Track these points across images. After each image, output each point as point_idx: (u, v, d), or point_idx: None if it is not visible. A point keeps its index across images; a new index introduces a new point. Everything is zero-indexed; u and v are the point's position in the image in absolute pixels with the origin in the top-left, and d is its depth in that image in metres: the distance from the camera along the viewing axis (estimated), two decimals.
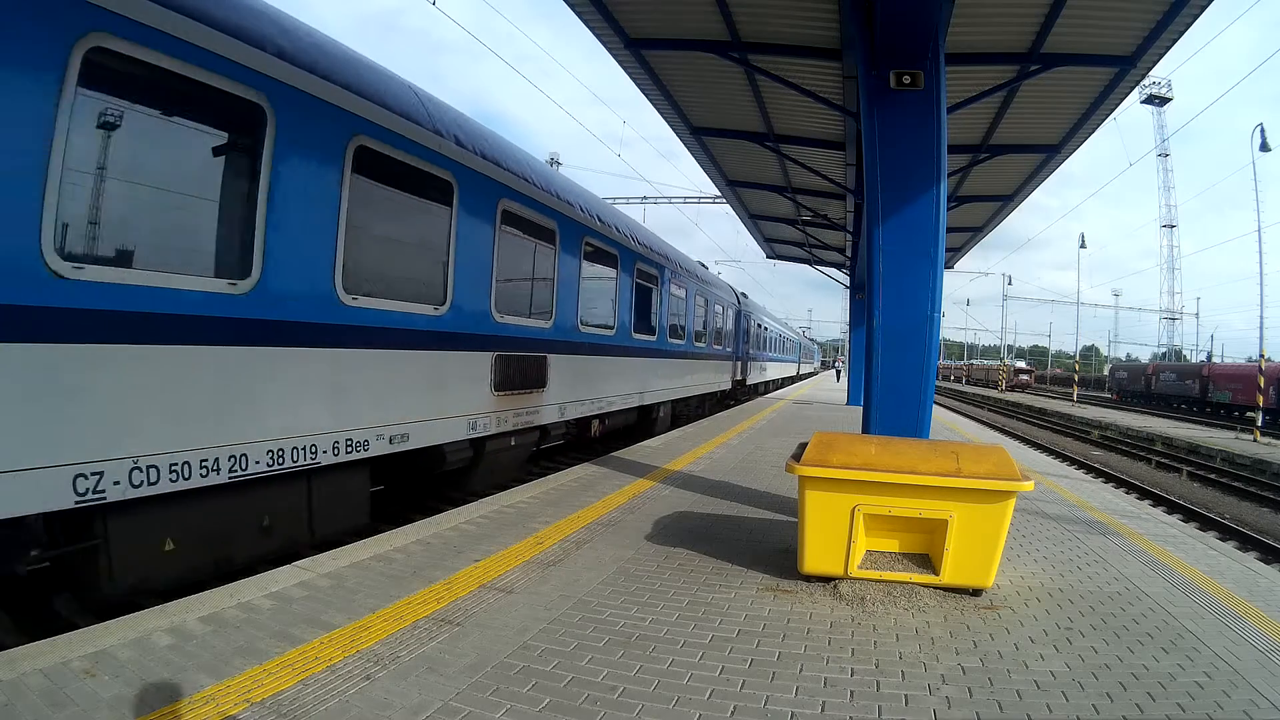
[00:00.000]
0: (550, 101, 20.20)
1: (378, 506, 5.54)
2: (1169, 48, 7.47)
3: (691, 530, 5.11)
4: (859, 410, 6.35)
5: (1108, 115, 9.56)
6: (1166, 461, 16.40)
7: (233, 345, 3.91)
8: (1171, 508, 10.87)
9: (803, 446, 3.98)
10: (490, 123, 6.46)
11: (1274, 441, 19.23)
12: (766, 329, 27.13)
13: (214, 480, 3.82)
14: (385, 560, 4.13)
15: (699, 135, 11.63)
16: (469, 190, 5.98)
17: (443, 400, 5.76)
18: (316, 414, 4.49)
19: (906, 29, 5.16)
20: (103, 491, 3.29)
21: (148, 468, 3.49)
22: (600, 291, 9.19)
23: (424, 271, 5.64)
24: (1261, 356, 20.84)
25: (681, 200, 33.09)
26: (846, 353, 37.74)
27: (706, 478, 7.20)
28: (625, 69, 9.21)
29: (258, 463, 4.08)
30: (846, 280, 23.56)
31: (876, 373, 5.53)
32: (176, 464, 3.63)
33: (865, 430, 5.64)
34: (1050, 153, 10.95)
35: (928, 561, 3.88)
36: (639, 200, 34.08)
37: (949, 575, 3.76)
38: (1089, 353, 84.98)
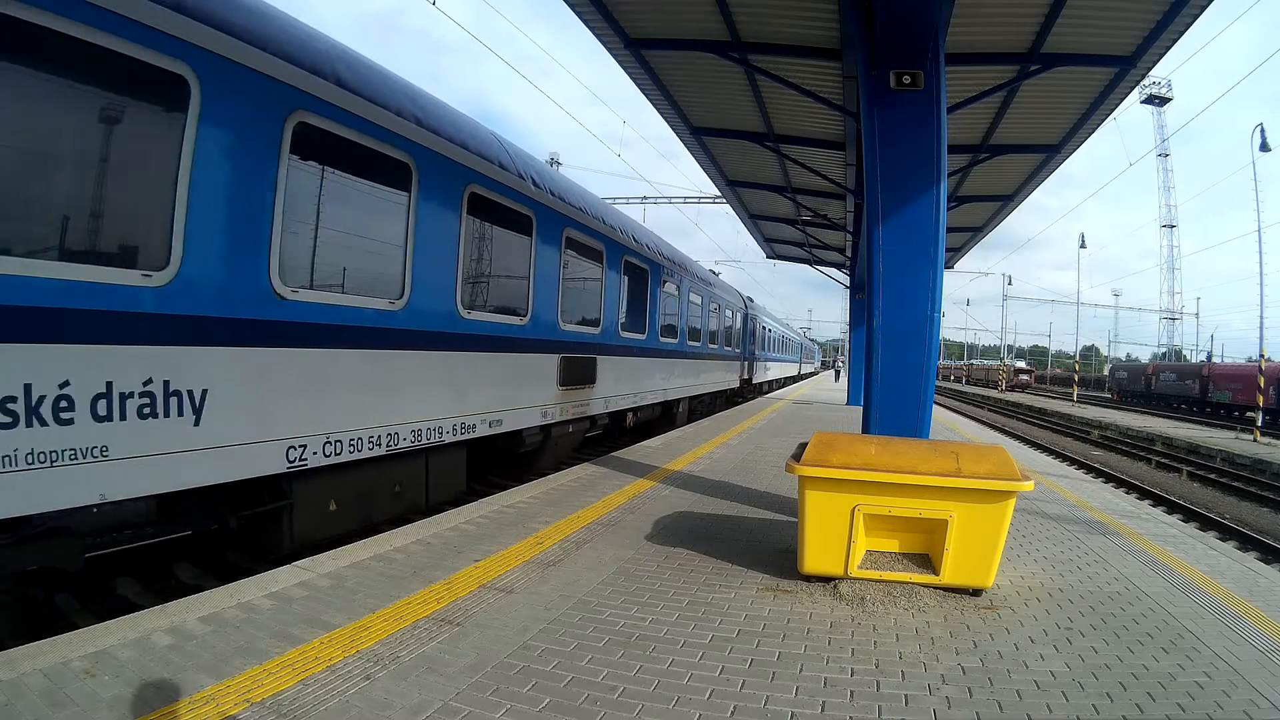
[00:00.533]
0: (550, 101, 20.22)
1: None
2: (1169, 48, 7.46)
3: (691, 530, 5.11)
4: (859, 410, 6.36)
5: (1108, 115, 9.56)
6: (1166, 461, 16.40)
7: (392, 349, 5.13)
8: (1171, 508, 10.87)
9: (803, 446, 3.98)
10: (490, 123, 6.61)
11: (1274, 441, 19.23)
12: (770, 331, 28.45)
13: (374, 453, 4.95)
14: (385, 560, 4.13)
15: (699, 135, 11.63)
16: (543, 223, 7.22)
17: (525, 393, 7.04)
18: (443, 403, 5.72)
19: (906, 29, 5.16)
20: (305, 460, 4.37)
21: (335, 441, 4.60)
22: (635, 301, 10.48)
23: (514, 290, 6.95)
24: (1261, 356, 20.85)
25: (681, 200, 33.11)
26: (846, 353, 37.77)
27: (706, 478, 7.20)
28: (625, 69, 9.21)
29: (404, 440, 5.26)
30: (846, 280, 23.57)
31: (876, 373, 5.53)
32: (354, 439, 4.76)
33: (865, 430, 5.63)
34: (1050, 153, 10.95)
35: (928, 561, 3.88)
36: (639, 200, 34.09)
37: (949, 575, 3.76)
38: (1089, 353, 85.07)
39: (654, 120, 13.70)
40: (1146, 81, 33.98)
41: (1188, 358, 54.15)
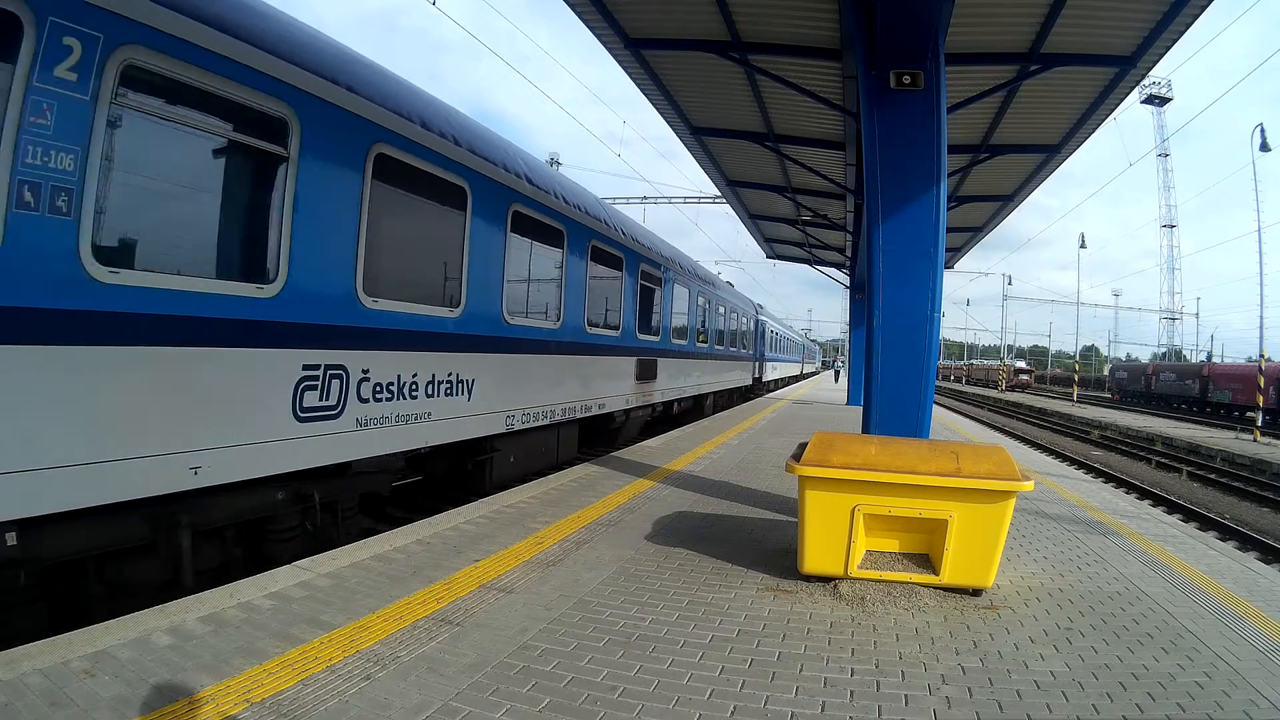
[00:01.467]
0: (550, 101, 20.23)
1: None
2: (1169, 48, 7.46)
3: (691, 530, 5.11)
4: (859, 410, 6.36)
5: (1108, 115, 9.56)
6: (1166, 461, 16.40)
7: (552, 355, 7.56)
8: (1171, 508, 10.88)
9: (803, 446, 3.98)
10: (490, 123, 6.91)
11: (1274, 441, 19.23)
12: (777, 335, 31.61)
13: (539, 424, 7.30)
14: (385, 560, 4.13)
15: (699, 135, 11.63)
16: (629, 262, 9.93)
17: (615, 386, 9.62)
18: (573, 392, 8.14)
19: (906, 29, 5.16)
20: (512, 425, 6.69)
21: (527, 413, 6.96)
22: (681, 313, 13.23)
23: (614, 308, 9.63)
24: (1261, 356, 20.86)
25: (681, 200, 33.08)
26: (846, 353, 37.75)
27: (706, 478, 7.20)
28: (625, 69, 9.21)
29: (556, 416, 7.66)
30: (846, 280, 23.58)
31: (876, 373, 5.53)
32: (531, 414, 7.08)
33: (865, 430, 5.63)
34: (1050, 153, 10.95)
35: (928, 561, 3.88)
36: (639, 200, 34.06)
37: (949, 575, 3.76)
38: (1089, 353, 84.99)
39: (654, 120, 13.84)
40: (1146, 81, 33.99)
41: (1188, 358, 54.18)
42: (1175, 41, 7.33)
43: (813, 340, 78.79)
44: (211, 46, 3.66)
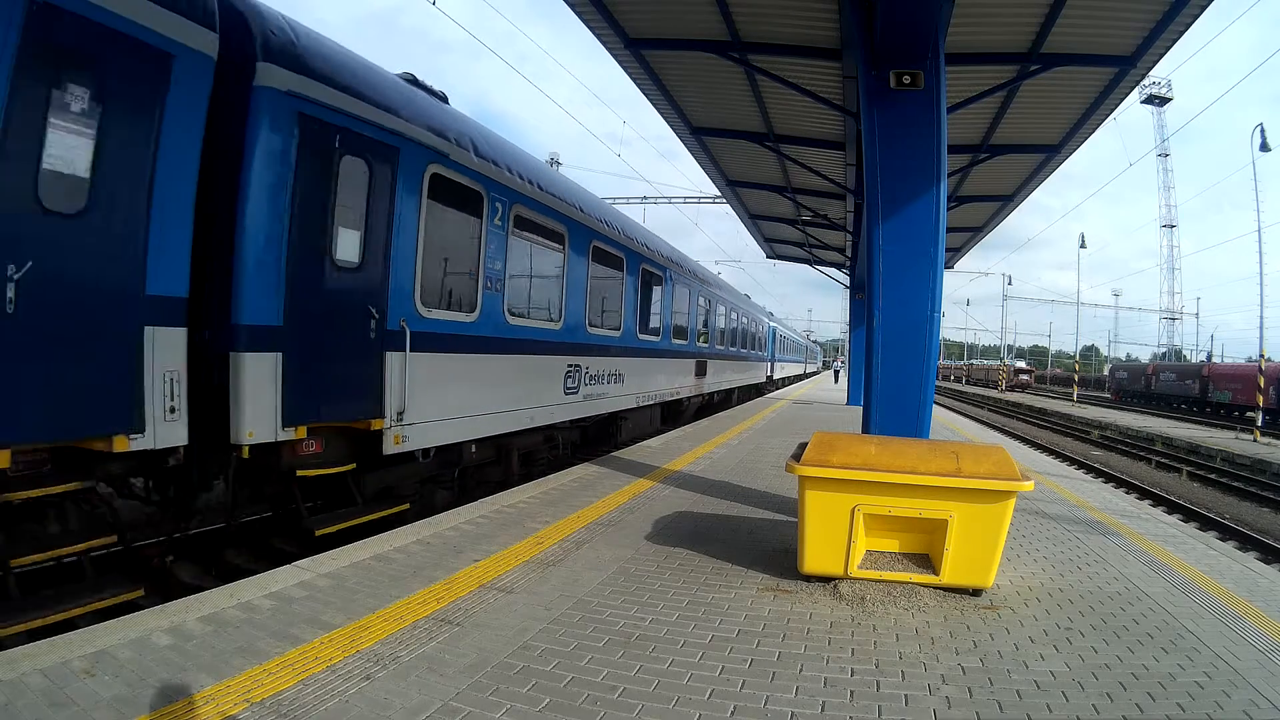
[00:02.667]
0: (550, 101, 20.24)
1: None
2: (1169, 48, 7.46)
3: (691, 530, 5.11)
4: (859, 410, 6.35)
5: (1108, 115, 9.55)
6: (1166, 461, 16.40)
7: (657, 358, 11.56)
8: (1171, 508, 10.87)
9: (803, 446, 3.98)
10: (490, 122, 7.00)
11: (1274, 441, 19.23)
12: (785, 339, 36.94)
13: (646, 402, 11.11)
14: (385, 560, 4.13)
15: (699, 135, 11.63)
16: (694, 290, 14.28)
17: (684, 380, 13.65)
18: (663, 384, 12.06)
19: (906, 29, 5.16)
20: (638, 403, 10.70)
21: (641, 396, 10.80)
22: (721, 326, 17.66)
23: (684, 324, 13.67)
24: (1261, 356, 20.83)
25: (681, 200, 33.05)
26: (846, 353, 37.70)
27: (706, 478, 7.20)
28: (625, 69, 9.21)
29: (656, 399, 11.64)
30: (846, 280, 23.57)
31: (876, 373, 5.52)
32: (645, 395, 11.03)
33: (865, 430, 5.63)
34: (1050, 153, 10.94)
35: (928, 561, 3.88)
36: (639, 200, 34.02)
37: (949, 575, 3.76)
38: (1089, 353, 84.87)
39: (654, 120, 13.93)
40: (1146, 81, 33.98)
41: (1188, 358, 54.11)
42: (1175, 41, 7.32)
43: (815, 343, 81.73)
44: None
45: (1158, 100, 53.26)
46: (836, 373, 37.91)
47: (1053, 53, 7.64)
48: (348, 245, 4.75)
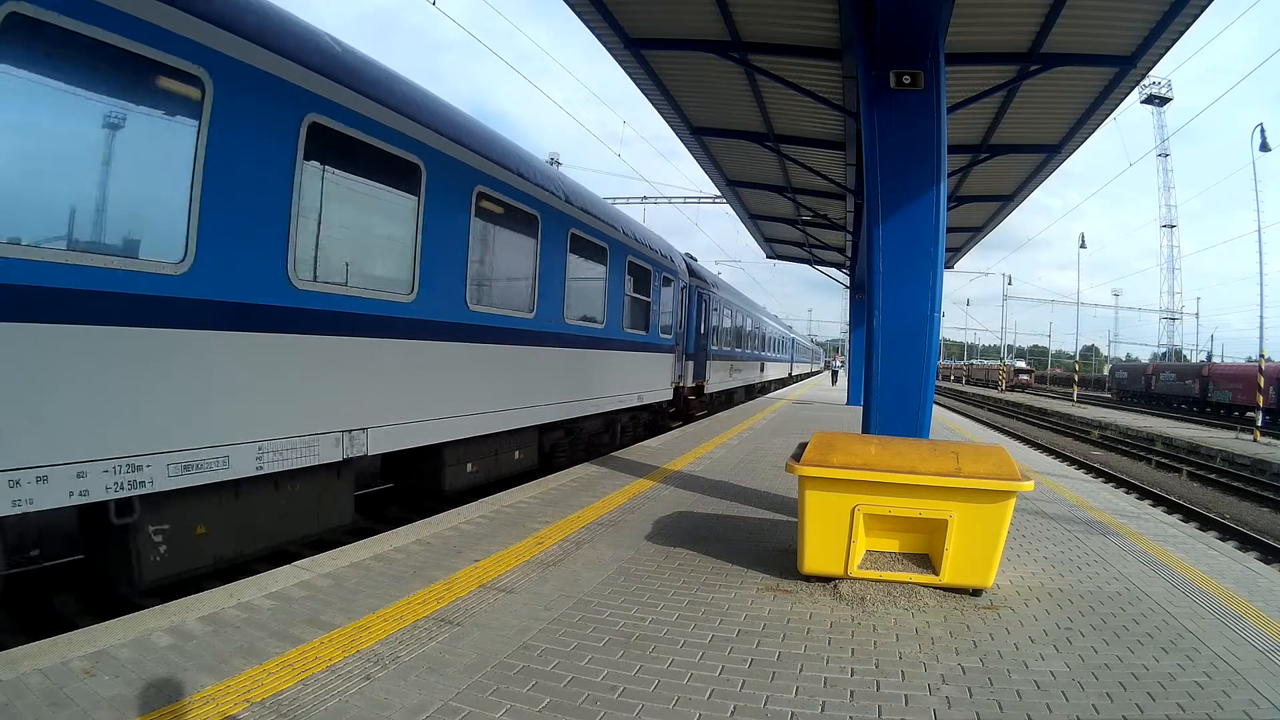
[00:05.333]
0: (550, 101, 20.23)
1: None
2: (1169, 48, 7.46)
3: (691, 530, 5.11)
4: (859, 410, 6.35)
5: (1108, 115, 9.55)
6: (1166, 461, 16.40)
7: (740, 360, 21.01)
8: (1171, 508, 10.87)
9: (803, 446, 3.97)
10: (490, 122, 6.71)
11: (1274, 441, 19.22)
12: (798, 343, 47.28)
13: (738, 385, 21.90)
14: (385, 560, 4.13)
15: (699, 135, 11.62)
16: (754, 318, 23.63)
17: (753, 376, 23.73)
18: (750, 377, 23.11)
19: (906, 29, 5.15)
20: (727, 390, 19.09)
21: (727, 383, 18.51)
22: (758, 334, 23.75)
23: (754, 341, 23.77)
24: (1261, 356, 20.84)
25: (681, 200, 33.05)
26: (846, 353, 37.57)
27: (706, 478, 7.20)
28: (625, 69, 9.20)
29: (742, 384, 21.53)
30: (846, 280, 23.56)
31: (876, 373, 5.52)
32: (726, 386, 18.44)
33: (865, 430, 5.63)
34: (1050, 153, 10.94)
35: (928, 561, 3.88)
36: (639, 200, 34.02)
37: (949, 575, 3.76)
38: (1089, 353, 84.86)
39: (654, 120, 13.82)
40: (1146, 81, 33.96)
41: (1188, 358, 54.06)
42: (1175, 41, 7.32)
43: (819, 345, 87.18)
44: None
45: (1158, 100, 53.24)
46: (835, 373, 36.70)
47: (1053, 53, 7.63)
48: None
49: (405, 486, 6.26)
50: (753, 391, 23.95)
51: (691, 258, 15.32)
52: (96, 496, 3.21)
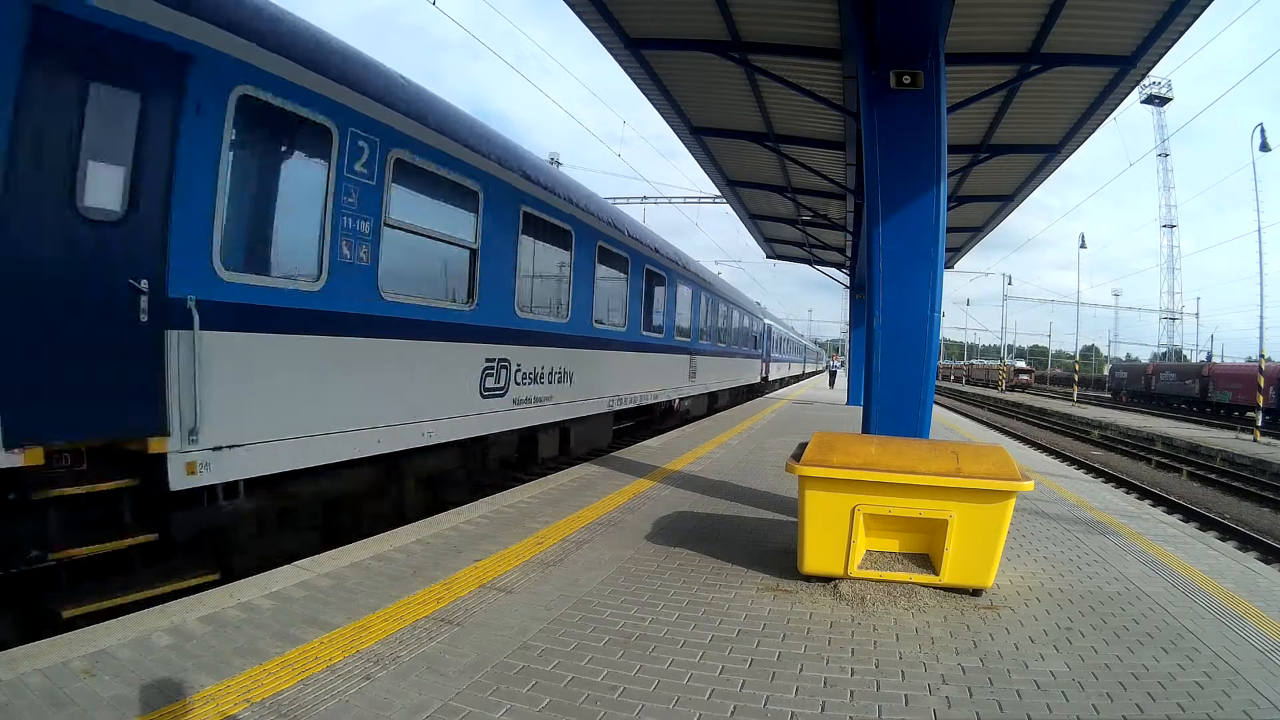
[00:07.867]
0: (550, 101, 20.24)
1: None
2: (1169, 48, 7.46)
3: (691, 530, 5.11)
4: (859, 410, 6.35)
5: (1108, 115, 9.55)
6: (1166, 461, 16.40)
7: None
8: (1171, 508, 10.87)
9: (803, 446, 3.98)
10: (490, 122, 6.68)
11: (1274, 441, 19.22)
12: (808, 348, 57.19)
13: (793, 373, 38.48)
14: (385, 560, 4.13)
15: (699, 135, 11.62)
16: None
17: (786, 370, 35.99)
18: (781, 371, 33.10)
19: (906, 29, 5.16)
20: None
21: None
22: (787, 341, 37.00)
23: (792, 351, 39.84)
24: (1262, 356, 20.83)
25: (681, 200, 33.02)
26: (846, 353, 37.65)
27: (706, 478, 7.20)
28: (625, 69, 9.20)
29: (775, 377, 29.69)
30: (846, 280, 23.55)
31: (876, 373, 5.52)
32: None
33: (865, 430, 5.63)
34: (1050, 153, 10.94)
35: (928, 561, 3.88)
36: (639, 200, 33.99)
37: (949, 575, 3.76)
38: (1089, 353, 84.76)
39: (654, 120, 13.77)
40: (1146, 81, 33.96)
41: (1188, 358, 54.04)
42: (1175, 41, 7.32)
43: (820, 348, 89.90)
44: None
45: (1158, 100, 53.26)
46: (833, 374, 34.71)
47: (1053, 53, 7.63)
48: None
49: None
50: (785, 382, 34.78)
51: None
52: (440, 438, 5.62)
